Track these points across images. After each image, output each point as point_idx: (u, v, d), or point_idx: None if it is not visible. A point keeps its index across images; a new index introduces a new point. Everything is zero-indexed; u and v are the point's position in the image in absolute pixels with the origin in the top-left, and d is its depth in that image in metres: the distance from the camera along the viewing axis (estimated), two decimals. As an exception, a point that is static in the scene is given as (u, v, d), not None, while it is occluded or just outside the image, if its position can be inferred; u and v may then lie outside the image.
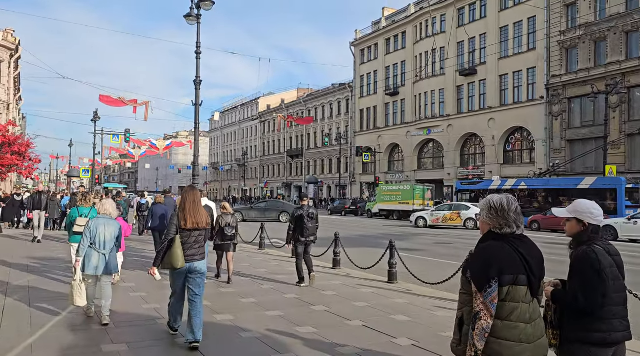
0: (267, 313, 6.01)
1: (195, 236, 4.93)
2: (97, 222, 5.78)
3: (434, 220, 24.19)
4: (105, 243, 5.69)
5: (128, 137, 35.08)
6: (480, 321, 2.28)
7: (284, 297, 7.05)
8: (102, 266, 5.64)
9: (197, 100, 15.73)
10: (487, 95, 38.71)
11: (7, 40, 33.86)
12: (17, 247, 12.53)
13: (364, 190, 53.07)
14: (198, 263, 4.90)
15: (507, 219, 2.41)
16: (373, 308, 6.25)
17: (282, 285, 7.98)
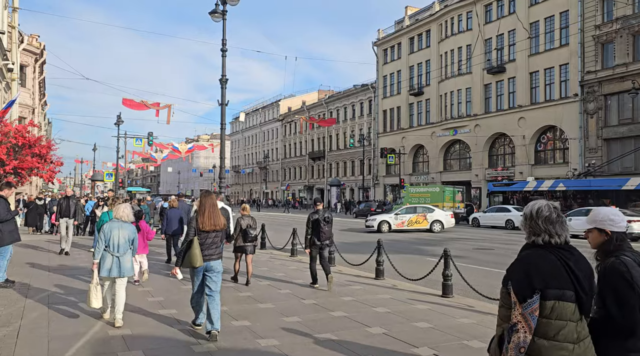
0: (317, 335, 5.24)
1: (212, 237, 5.37)
2: (112, 225, 5.91)
3: (399, 224, 22.12)
4: (119, 246, 5.81)
5: (151, 140, 34.82)
6: (517, 334, 2.14)
7: (331, 315, 6.26)
8: (116, 268, 5.76)
9: (223, 99, 15.12)
10: (516, 93, 37.38)
11: (32, 44, 33.96)
12: (41, 258, 12.01)
13: (388, 192, 52.05)
14: (215, 262, 5.34)
15: (533, 228, 2.28)
16: (440, 331, 5.41)
17: (328, 300, 7.20)
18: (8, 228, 7.48)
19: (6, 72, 14.39)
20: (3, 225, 7.40)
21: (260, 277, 9.30)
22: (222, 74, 15.11)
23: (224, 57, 15.05)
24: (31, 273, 9.06)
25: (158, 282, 8.32)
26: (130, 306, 5.73)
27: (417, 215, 22.28)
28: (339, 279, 8.91)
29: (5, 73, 14.13)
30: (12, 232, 7.54)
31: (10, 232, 7.49)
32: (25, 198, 18.04)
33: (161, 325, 5.64)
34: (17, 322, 5.53)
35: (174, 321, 5.81)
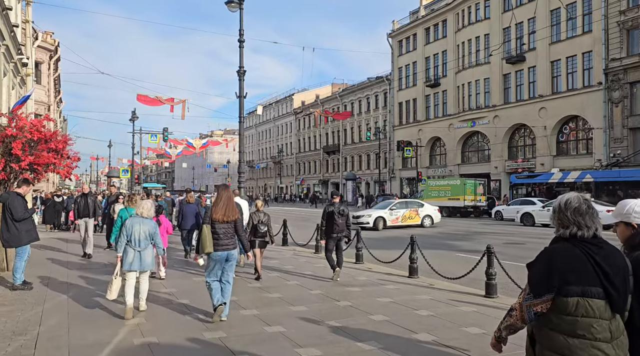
0: (360, 343, 4.78)
1: (225, 227, 5.73)
2: (133, 221, 6.10)
3: (393, 219, 20.36)
4: (140, 241, 6.00)
5: (166, 135, 34.61)
6: (509, 319, 2.24)
7: (371, 319, 5.79)
8: (137, 262, 5.96)
9: (242, 91, 14.69)
10: (537, 83, 36.40)
11: (46, 41, 33.90)
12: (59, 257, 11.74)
13: (404, 185, 51.39)
14: (233, 250, 5.81)
15: (562, 220, 2.21)
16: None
17: (363, 301, 6.73)
18: (25, 228, 7.14)
19: (21, 67, 14.11)
20: (20, 224, 7.07)
21: (288, 274, 8.89)
22: (239, 65, 14.66)
23: (241, 48, 14.61)
24: (49, 273, 8.73)
25: (172, 276, 8.59)
26: (154, 298, 6.24)
27: (410, 210, 21.05)
28: (370, 278, 8.45)
29: (19, 68, 13.85)
30: (29, 231, 7.20)
31: (27, 232, 7.16)
32: (42, 195, 17.81)
33: (174, 314, 6.04)
34: (35, 329, 5.14)
35: (187, 311, 6.15)
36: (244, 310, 6.15)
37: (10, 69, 12.56)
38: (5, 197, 7.15)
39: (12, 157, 7.77)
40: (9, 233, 7.06)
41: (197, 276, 8.44)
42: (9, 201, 7.05)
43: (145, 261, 5.99)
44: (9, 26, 11.58)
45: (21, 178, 7.50)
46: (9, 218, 6.99)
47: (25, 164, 7.71)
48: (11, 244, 7.16)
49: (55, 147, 7.95)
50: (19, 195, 7.15)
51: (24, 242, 7.13)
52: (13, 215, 7.01)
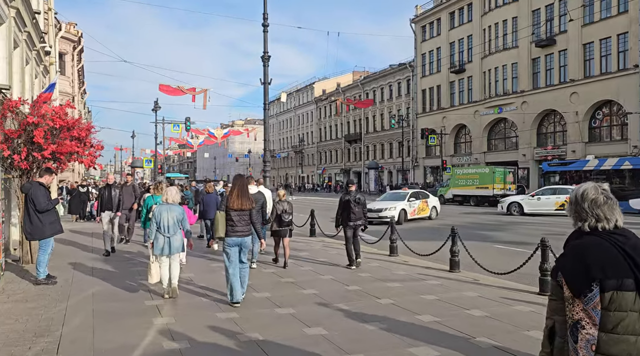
0: (413, 348, 4.29)
1: (240, 215, 5.99)
2: (161, 208, 6.37)
3: (412, 212, 18.46)
4: (169, 227, 6.25)
5: (189, 125, 34.47)
6: (583, 331, 1.97)
7: (419, 319, 5.29)
8: (167, 247, 6.23)
9: (266, 77, 14.24)
10: (568, 67, 35.03)
11: (69, 32, 33.96)
12: (84, 249, 11.52)
13: (428, 174, 50.50)
14: (247, 237, 6.08)
15: (579, 212, 2.10)
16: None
17: (408, 299, 6.24)
18: (49, 219, 6.81)
19: (44, 56, 13.88)
20: (43, 216, 6.74)
21: (322, 266, 8.45)
22: (264, 50, 14.20)
23: (265, 33, 14.13)
24: (74, 266, 8.45)
25: (191, 263, 8.77)
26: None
27: (422, 202, 19.38)
28: (409, 272, 7.94)
29: (42, 56, 13.62)
30: (53, 223, 6.87)
31: (51, 224, 6.82)
32: (68, 185, 17.74)
33: (191, 296, 6.48)
34: (58, 330, 4.78)
35: (203, 293, 6.56)
36: (279, 308, 5.74)
37: (33, 57, 12.31)
38: (28, 187, 6.84)
39: (34, 145, 7.46)
40: (31, 225, 6.74)
41: (215, 262, 8.91)
42: (32, 191, 6.73)
43: (174, 245, 6.27)
44: (31, 13, 11.30)
45: (43, 168, 7.18)
46: (32, 210, 6.67)
47: (47, 153, 7.38)
48: (34, 237, 6.86)
49: (78, 135, 7.60)
50: (41, 185, 6.83)
51: (48, 234, 6.82)
52: (36, 206, 6.68)
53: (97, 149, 8.18)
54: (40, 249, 6.80)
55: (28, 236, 6.95)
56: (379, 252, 10.10)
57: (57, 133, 7.61)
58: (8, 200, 9.27)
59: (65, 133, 7.63)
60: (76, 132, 7.61)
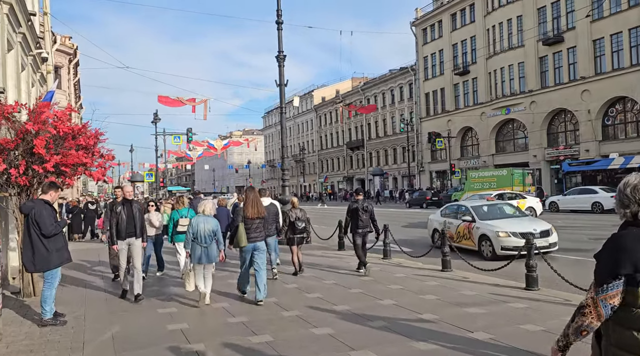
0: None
1: (257, 223, 6.77)
2: (198, 219, 6.71)
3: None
4: (205, 237, 6.58)
5: (191, 136, 33.38)
6: (582, 318, 1.99)
7: (472, 337, 4.16)
8: (204, 256, 6.59)
9: (282, 78, 13.18)
10: (578, 64, 34.18)
11: (65, 44, 32.96)
12: (94, 275, 10.33)
13: (434, 179, 49.49)
14: (260, 242, 6.80)
15: (622, 200, 2.08)
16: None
17: (449, 312, 5.12)
18: (55, 246, 5.58)
19: (40, 63, 12.79)
20: (49, 242, 5.50)
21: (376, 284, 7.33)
22: (278, 49, 13.15)
23: (279, 30, 13.09)
24: (84, 298, 7.27)
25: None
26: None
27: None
28: (481, 291, 6.77)
29: (39, 63, 12.53)
30: (60, 250, 5.63)
31: (58, 251, 5.59)
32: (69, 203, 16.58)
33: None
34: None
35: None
36: (315, 328, 4.62)
37: (29, 63, 11.22)
38: (30, 206, 5.62)
39: (34, 157, 6.33)
40: (34, 254, 5.49)
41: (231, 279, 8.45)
42: (35, 212, 5.50)
43: (211, 254, 6.65)
44: (26, 14, 10.24)
45: (46, 182, 5.99)
46: (36, 234, 5.47)
47: (50, 165, 6.24)
48: (38, 268, 5.60)
49: (85, 143, 6.48)
50: (46, 204, 5.62)
51: (54, 264, 5.58)
52: (41, 229, 5.46)
53: (108, 159, 7.01)
54: (46, 282, 5.59)
55: (30, 267, 5.67)
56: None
57: (60, 142, 6.48)
58: (5, 222, 8.10)
59: (69, 141, 6.51)
60: (83, 140, 6.49)
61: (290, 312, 6.00)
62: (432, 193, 35.37)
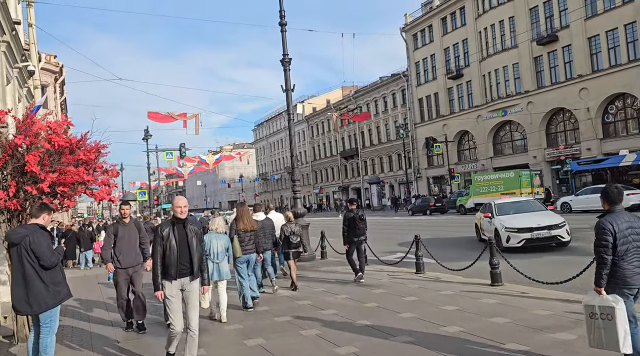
0: None
1: (249, 235, 7.46)
2: (210, 236, 6.77)
3: None
4: (217, 254, 6.72)
5: (184, 152, 32.37)
6: None
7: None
8: (216, 273, 6.68)
9: (288, 83, 12.34)
10: (574, 62, 33.86)
11: (50, 62, 31.95)
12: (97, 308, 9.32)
13: (432, 185, 48.83)
14: (253, 254, 7.52)
15: None
16: None
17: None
18: (53, 279, 4.53)
19: (27, 78, 11.82)
20: (47, 275, 4.48)
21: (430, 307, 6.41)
22: (283, 53, 12.32)
23: (283, 32, 12.27)
24: (90, 340, 6.30)
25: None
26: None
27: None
28: (557, 310, 5.87)
29: (26, 78, 11.56)
30: (59, 284, 4.58)
31: (56, 286, 4.53)
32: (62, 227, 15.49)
33: None
34: None
35: None
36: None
37: (14, 76, 10.26)
38: (22, 234, 4.50)
39: (26, 176, 5.37)
40: (28, 292, 4.42)
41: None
42: (31, 240, 4.44)
43: (223, 271, 6.70)
44: (9, 21, 9.31)
45: (36, 204, 4.93)
46: (31, 267, 4.42)
47: (46, 186, 5.29)
48: (34, 309, 4.47)
49: (85, 157, 5.54)
50: (41, 229, 4.60)
51: (53, 303, 4.53)
52: (41, 260, 4.44)
53: (112, 176, 6.05)
54: (44, 326, 4.48)
55: (24, 308, 4.50)
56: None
57: (56, 157, 5.54)
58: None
59: (67, 156, 5.57)
60: (83, 154, 5.55)
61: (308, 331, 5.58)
62: (435, 199, 34.52)
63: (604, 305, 3.62)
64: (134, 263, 6.50)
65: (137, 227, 6.63)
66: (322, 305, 7.01)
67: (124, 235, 6.36)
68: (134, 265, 6.51)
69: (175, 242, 4.64)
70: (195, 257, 4.74)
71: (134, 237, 6.50)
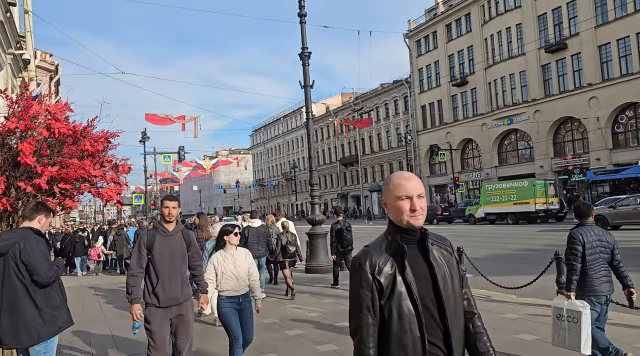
0: None
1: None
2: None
3: None
4: None
5: (183, 155, 31.29)
6: None
7: None
8: None
9: (307, 79, 11.40)
10: (583, 71, 33.22)
11: (45, 60, 30.87)
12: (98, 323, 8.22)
13: (434, 193, 47.96)
14: None
15: None
16: None
17: None
18: (50, 302, 3.46)
19: (22, 66, 10.80)
20: (41, 295, 3.40)
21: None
22: (302, 46, 11.38)
23: (302, 24, 11.34)
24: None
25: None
26: None
27: None
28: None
29: (20, 66, 10.53)
30: (57, 308, 3.51)
31: (54, 310, 3.45)
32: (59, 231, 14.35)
33: None
34: None
35: None
36: None
37: (7, 62, 9.24)
38: (10, 240, 3.40)
39: (18, 169, 4.36)
40: (13, 317, 3.34)
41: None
42: (22, 248, 3.36)
43: None
44: (3, 1, 8.30)
45: (33, 203, 3.82)
46: (21, 285, 3.34)
47: (43, 181, 4.26)
48: (24, 340, 3.35)
49: (92, 148, 4.54)
50: (36, 234, 3.53)
51: (47, 332, 3.43)
52: (34, 276, 3.36)
53: (123, 172, 5.02)
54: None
55: (10, 342, 3.35)
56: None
57: (57, 147, 4.53)
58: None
59: (69, 147, 4.56)
60: (89, 144, 4.55)
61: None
62: (442, 208, 33.56)
63: (571, 308, 3.91)
64: (179, 298, 4.01)
65: (187, 239, 4.19)
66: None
67: (164, 251, 3.98)
68: (180, 302, 4.02)
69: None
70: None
71: (181, 254, 4.11)
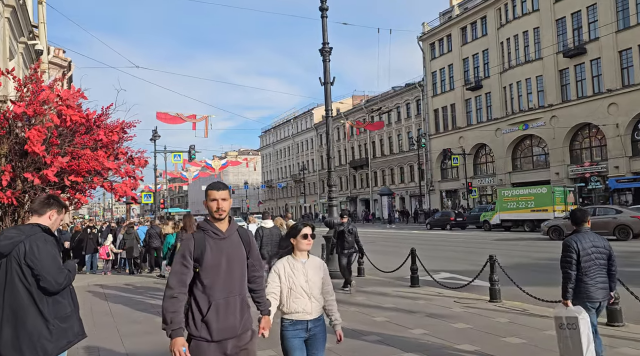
0: None
1: None
2: None
3: None
4: None
5: (193, 154, 31.00)
6: None
7: None
8: None
9: (327, 75, 10.93)
10: (603, 76, 32.49)
11: (58, 56, 30.75)
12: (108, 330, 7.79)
13: (445, 198, 47.29)
14: None
15: None
16: None
17: None
18: (59, 311, 2.90)
19: (34, 56, 10.42)
20: (49, 304, 2.86)
21: None
22: (323, 42, 10.92)
23: (324, 18, 10.88)
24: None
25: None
26: None
27: None
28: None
29: (32, 56, 10.16)
30: (66, 320, 2.94)
31: (62, 320, 2.91)
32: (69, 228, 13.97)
33: None
34: None
35: None
36: None
37: (19, 52, 8.85)
38: (13, 239, 2.86)
39: (26, 159, 3.93)
40: (16, 330, 2.81)
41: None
42: (28, 249, 2.83)
43: None
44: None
45: (44, 196, 3.26)
46: (26, 292, 2.81)
47: (52, 173, 3.82)
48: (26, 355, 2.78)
49: (107, 139, 4.10)
50: (45, 232, 2.99)
51: (55, 347, 2.86)
52: (41, 281, 2.83)
53: (139, 166, 4.58)
54: None
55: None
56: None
57: (68, 136, 4.10)
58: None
59: (82, 136, 4.13)
60: (103, 134, 4.11)
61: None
62: (455, 213, 32.91)
63: (569, 315, 3.90)
64: (238, 329, 2.81)
65: (245, 241, 2.96)
66: (399, 345, 5.49)
67: (218, 262, 2.79)
68: (239, 334, 2.82)
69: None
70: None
71: (240, 263, 2.89)
